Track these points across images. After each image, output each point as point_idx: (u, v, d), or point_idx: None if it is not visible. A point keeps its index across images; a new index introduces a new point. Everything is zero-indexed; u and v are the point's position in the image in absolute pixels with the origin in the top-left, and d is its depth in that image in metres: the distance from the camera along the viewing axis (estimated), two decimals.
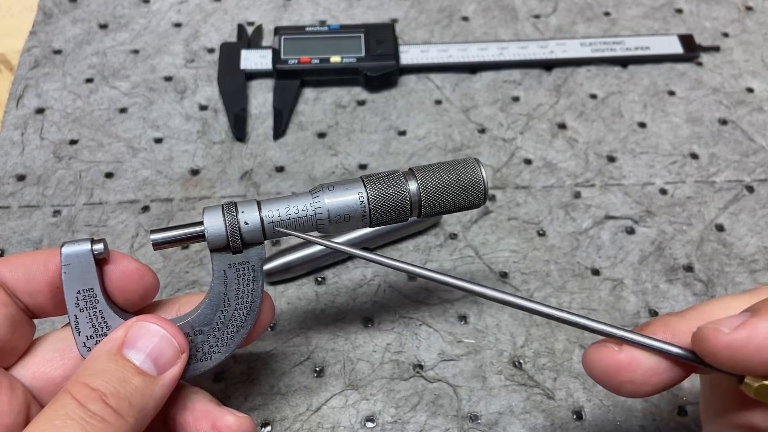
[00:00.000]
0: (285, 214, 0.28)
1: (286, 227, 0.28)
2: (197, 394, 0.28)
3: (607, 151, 0.46)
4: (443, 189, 0.29)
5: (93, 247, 0.26)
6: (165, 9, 0.53)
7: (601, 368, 0.25)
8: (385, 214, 0.29)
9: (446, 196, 0.30)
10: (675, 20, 0.54)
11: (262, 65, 0.49)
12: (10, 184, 0.43)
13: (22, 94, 0.48)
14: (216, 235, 0.27)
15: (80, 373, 0.24)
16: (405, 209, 0.29)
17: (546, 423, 0.35)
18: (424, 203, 0.29)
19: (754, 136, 0.47)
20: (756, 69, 0.50)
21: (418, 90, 0.49)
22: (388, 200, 0.29)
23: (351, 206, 0.29)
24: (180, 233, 0.28)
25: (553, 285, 0.40)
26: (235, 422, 0.27)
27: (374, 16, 0.53)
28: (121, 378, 0.24)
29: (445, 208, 0.30)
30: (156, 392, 0.25)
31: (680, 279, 0.40)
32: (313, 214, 0.28)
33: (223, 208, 0.28)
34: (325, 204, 0.28)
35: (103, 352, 0.25)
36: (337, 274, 0.40)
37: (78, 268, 0.26)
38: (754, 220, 0.43)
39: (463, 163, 0.30)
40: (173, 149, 0.45)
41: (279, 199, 0.29)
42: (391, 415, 0.35)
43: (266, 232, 0.28)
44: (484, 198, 0.30)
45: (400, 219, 0.30)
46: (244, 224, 0.27)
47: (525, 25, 0.53)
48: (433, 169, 0.30)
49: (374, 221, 0.29)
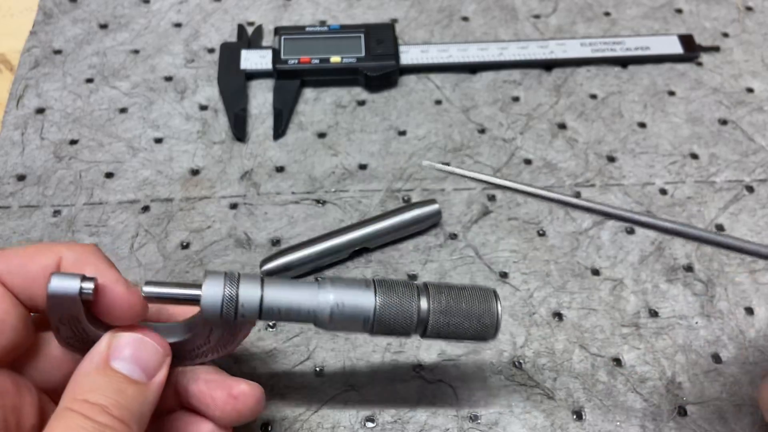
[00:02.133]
0: (286, 300, 0.27)
1: (285, 313, 0.27)
2: (207, 366, 0.29)
3: (607, 151, 0.46)
4: (453, 313, 0.29)
5: (82, 285, 0.25)
6: (165, 9, 0.53)
7: None
8: (388, 326, 0.28)
9: (455, 322, 0.29)
10: (675, 20, 0.54)
11: (262, 65, 0.49)
12: (10, 184, 0.43)
13: (22, 94, 0.48)
14: (211, 305, 0.26)
15: (75, 391, 0.25)
16: (410, 326, 0.29)
17: (546, 423, 0.35)
18: (430, 325, 0.29)
19: (754, 136, 0.47)
20: (756, 69, 0.51)
21: (418, 90, 0.49)
22: (395, 314, 0.28)
23: (357, 312, 0.28)
24: (174, 292, 0.27)
25: (553, 285, 0.40)
26: (249, 389, 0.28)
27: (374, 16, 0.53)
28: (117, 389, 0.25)
29: (451, 333, 0.29)
30: (149, 397, 0.26)
31: (680, 279, 0.40)
32: (315, 308, 0.27)
33: (225, 278, 0.27)
34: (329, 302, 0.27)
35: (92, 367, 0.25)
36: (337, 274, 0.40)
37: (63, 301, 0.25)
38: (754, 220, 0.43)
39: (481, 292, 0.29)
40: (173, 149, 0.45)
41: (284, 282, 0.28)
42: (391, 415, 0.35)
43: (263, 312, 0.27)
44: (494, 333, 0.29)
45: (402, 334, 0.29)
46: (242, 303, 0.27)
47: (525, 25, 0.53)
48: (448, 291, 0.29)
49: (375, 331, 0.28)
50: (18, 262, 0.26)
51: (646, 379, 0.36)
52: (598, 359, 0.37)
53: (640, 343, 0.38)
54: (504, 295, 0.39)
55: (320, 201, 0.43)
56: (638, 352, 0.37)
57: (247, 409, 0.29)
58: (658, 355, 0.37)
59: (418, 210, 0.41)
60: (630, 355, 0.37)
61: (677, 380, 0.36)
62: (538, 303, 0.39)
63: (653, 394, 0.36)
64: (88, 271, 0.26)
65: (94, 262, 0.26)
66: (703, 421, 0.35)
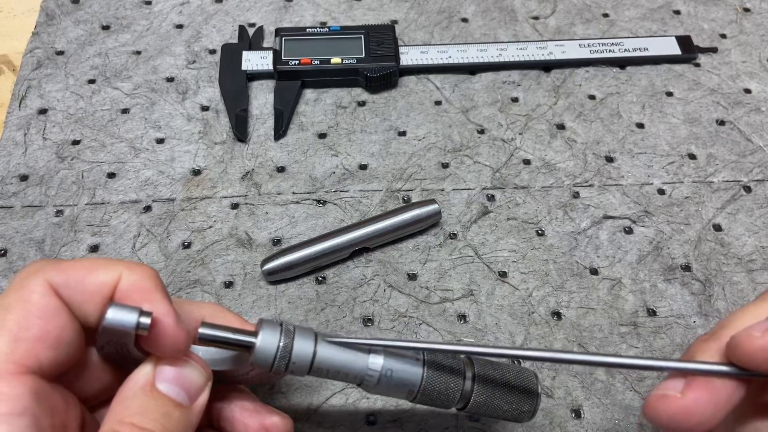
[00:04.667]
0: (337, 363, 0.27)
1: (333, 374, 0.27)
2: (243, 391, 0.29)
3: (605, 152, 0.46)
4: (495, 397, 0.29)
5: (139, 320, 0.24)
6: (167, 10, 0.54)
7: (669, 417, 0.25)
8: (431, 399, 0.28)
9: (495, 405, 0.29)
10: (673, 22, 0.54)
11: (263, 66, 0.49)
12: (13, 184, 0.44)
13: (24, 95, 0.48)
14: (264, 357, 0.26)
15: (122, 413, 0.24)
16: (452, 402, 0.29)
17: (545, 422, 0.35)
18: (471, 405, 0.29)
19: (752, 136, 0.47)
20: (753, 70, 0.51)
21: (418, 91, 0.49)
22: (439, 391, 0.28)
23: (404, 383, 0.28)
24: (229, 337, 0.26)
25: (551, 284, 0.40)
26: (281, 422, 0.28)
27: (374, 17, 0.54)
28: (164, 413, 0.24)
29: (488, 412, 0.29)
30: (192, 420, 0.26)
31: (678, 278, 0.40)
32: (363, 373, 0.27)
33: (281, 331, 0.27)
34: (379, 370, 0.27)
35: (138, 389, 0.25)
36: (337, 273, 0.40)
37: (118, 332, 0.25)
38: (752, 220, 0.43)
39: (524, 375, 0.30)
40: (175, 149, 0.46)
41: (336, 343, 0.27)
42: (392, 414, 0.35)
43: (312, 371, 0.27)
44: (530, 418, 0.30)
45: (442, 407, 0.29)
46: (294, 360, 0.27)
47: (524, 27, 0.53)
48: (493, 372, 0.29)
49: (418, 401, 0.29)
50: (77, 276, 0.25)
51: (645, 377, 0.37)
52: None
53: (638, 341, 0.38)
54: (503, 294, 0.40)
55: (321, 201, 0.44)
56: (636, 351, 0.38)
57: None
58: (656, 354, 0.37)
59: (418, 210, 0.41)
60: (628, 353, 0.38)
61: None
62: (537, 302, 0.39)
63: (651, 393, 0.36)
64: (144, 299, 0.25)
65: (150, 289, 0.25)
66: None
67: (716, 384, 0.25)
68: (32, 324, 0.23)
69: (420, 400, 0.29)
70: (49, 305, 0.24)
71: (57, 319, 0.24)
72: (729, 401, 0.25)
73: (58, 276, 0.25)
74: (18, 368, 0.23)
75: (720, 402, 0.25)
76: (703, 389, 0.25)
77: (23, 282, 0.24)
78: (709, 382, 0.25)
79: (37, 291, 0.24)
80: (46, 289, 0.24)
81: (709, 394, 0.25)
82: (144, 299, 0.25)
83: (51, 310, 0.24)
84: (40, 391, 0.23)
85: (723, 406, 0.25)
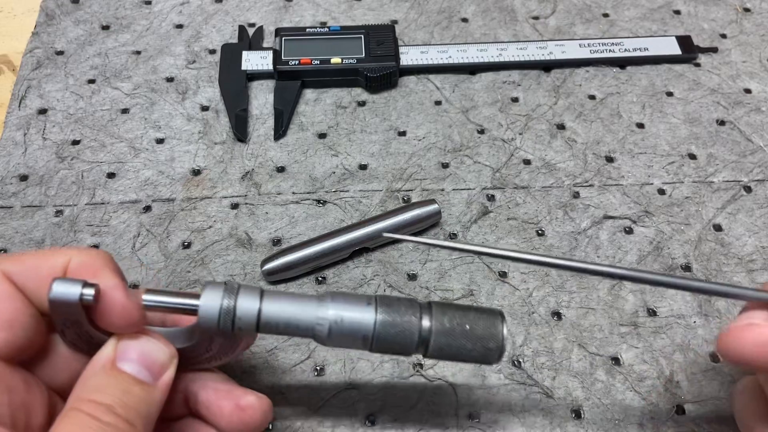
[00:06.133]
0: (284, 315, 0.27)
1: (283, 328, 0.27)
2: (216, 373, 0.29)
3: (605, 152, 0.46)
4: (456, 335, 0.28)
5: (83, 291, 0.25)
6: (167, 10, 0.54)
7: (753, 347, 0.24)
8: (388, 345, 0.28)
9: (457, 344, 0.28)
10: (673, 21, 0.54)
11: (263, 66, 0.49)
12: (12, 184, 0.44)
13: (24, 95, 0.48)
14: (208, 317, 0.26)
15: (82, 391, 0.25)
16: (410, 346, 0.28)
17: (545, 422, 0.35)
18: (431, 345, 0.28)
19: (752, 136, 0.47)
20: (754, 70, 0.51)
21: (418, 91, 0.49)
22: (395, 333, 0.27)
23: (356, 329, 0.27)
24: (172, 301, 0.26)
25: (551, 284, 0.40)
26: (257, 401, 0.28)
27: (374, 17, 0.54)
28: (124, 390, 0.25)
29: (453, 355, 0.28)
30: (156, 398, 0.26)
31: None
32: (313, 323, 0.27)
33: (224, 289, 0.27)
34: (328, 317, 0.27)
35: (98, 368, 0.26)
36: (337, 273, 0.40)
37: (65, 306, 0.25)
38: (752, 220, 0.43)
39: (487, 314, 0.28)
40: (175, 149, 0.46)
41: (283, 295, 0.27)
42: (391, 414, 0.35)
43: (260, 326, 0.27)
44: (498, 357, 0.28)
45: (403, 353, 0.28)
46: (240, 316, 0.26)
47: (524, 27, 0.53)
48: (453, 311, 0.28)
49: (375, 348, 0.28)
50: (31, 263, 0.26)
51: (645, 377, 0.37)
52: (597, 358, 0.37)
53: (639, 342, 0.38)
54: (503, 294, 0.40)
55: (321, 201, 0.43)
56: (636, 351, 0.38)
57: (254, 421, 0.28)
58: (657, 354, 0.37)
59: (418, 210, 0.41)
60: (628, 354, 0.38)
61: (675, 379, 0.37)
62: (537, 302, 0.39)
63: (651, 393, 0.36)
64: (91, 276, 0.26)
65: (99, 267, 0.26)
66: (701, 420, 0.35)
67: None
68: None
69: (377, 348, 0.28)
70: (1, 291, 0.25)
71: (10, 303, 0.25)
72: None
73: (12, 265, 0.26)
74: None
75: None
76: None
77: None
78: None
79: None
80: (0, 277, 0.26)
81: None
82: (92, 275, 0.26)
83: (3, 295, 0.25)
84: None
85: None
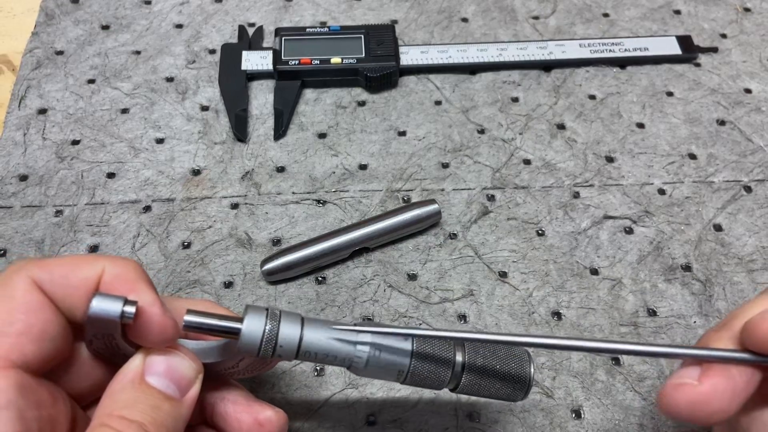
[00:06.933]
0: (325, 345, 0.27)
1: (321, 357, 0.27)
2: (235, 386, 0.29)
3: (605, 152, 0.46)
4: (487, 375, 0.29)
5: (123, 309, 0.24)
6: (166, 10, 0.54)
7: (686, 405, 0.25)
8: (421, 380, 0.28)
9: (487, 384, 0.29)
10: (673, 21, 0.54)
11: (263, 66, 0.49)
12: (12, 184, 0.44)
13: (24, 95, 0.48)
14: (250, 342, 0.26)
15: (111, 406, 0.24)
16: (443, 381, 0.29)
17: (545, 422, 0.35)
18: (462, 384, 0.29)
19: (752, 136, 0.47)
20: (754, 70, 0.51)
21: (418, 91, 0.49)
22: (429, 371, 0.28)
23: (392, 365, 0.28)
24: (215, 324, 0.26)
25: (552, 284, 0.40)
26: (275, 416, 0.28)
27: (374, 17, 0.54)
28: (153, 406, 0.24)
29: (481, 392, 0.29)
30: (183, 413, 0.26)
31: (678, 278, 0.40)
32: (352, 354, 0.27)
33: (267, 316, 0.26)
34: (366, 352, 0.27)
35: (127, 382, 0.25)
36: (337, 273, 0.40)
37: (103, 321, 0.25)
38: (752, 220, 0.43)
39: (516, 356, 0.29)
40: (175, 149, 0.46)
41: (322, 324, 0.27)
42: (391, 414, 0.35)
43: (299, 354, 0.27)
44: (524, 396, 0.29)
45: (433, 388, 0.29)
46: (281, 344, 0.26)
47: (524, 26, 0.53)
48: (484, 352, 0.29)
49: (407, 382, 0.28)
50: (60, 272, 0.25)
51: (645, 377, 0.37)
52: (597, 358, 0.37)
53: (639, 342, 0.38)
54: (503, 294, 0.40)
55: (320, 201, 0.43)
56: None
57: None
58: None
59: (418, 210, 0.41)
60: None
61: None
62: (537, 302, 0.39)
63: (652, 393, 0.36)
64: (128, 290, 0.25)
65: (134, 280, 0.26)
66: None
67: (733, 371, 0.25)
68: (16, 319, 0.23)
69: (410, 382, 0.28)
70: (32, 301, 0.24)
71: (41, 314, 0.24)
72: (746, 389, 0.25)
73: (41, 272, 0.25)
74: (2, 362, 0.23)
75: (737, 389, 0.24)
76: (720, 376, 0.24)
77: (7, 279, 0.24)
78: (725, 370, 0.25)
79: (21, 287, 0.24)
80: (30, 285, 0.24)
81: (727, 381, 0.24)
82: (129, 290, 0.25)
83: (35, 306, 0.24)
84: (25, 385, 0.23)
85: (740, 393, 0.25)
